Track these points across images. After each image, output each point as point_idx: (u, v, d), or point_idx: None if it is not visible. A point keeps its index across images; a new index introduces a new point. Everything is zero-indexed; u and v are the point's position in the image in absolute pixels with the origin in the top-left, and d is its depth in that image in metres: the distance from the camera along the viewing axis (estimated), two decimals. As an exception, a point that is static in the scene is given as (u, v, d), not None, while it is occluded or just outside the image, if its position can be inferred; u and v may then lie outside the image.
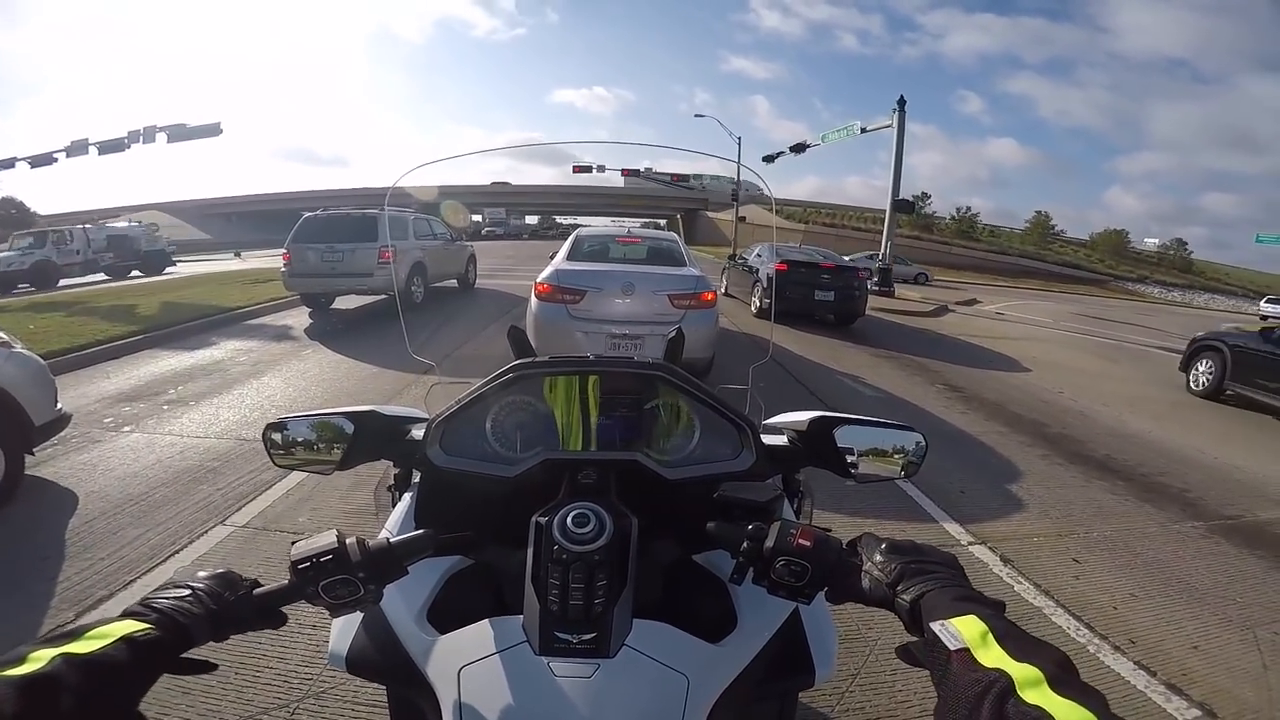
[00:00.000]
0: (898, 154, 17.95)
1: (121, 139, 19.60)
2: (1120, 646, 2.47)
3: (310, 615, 2.21)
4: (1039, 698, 0.47)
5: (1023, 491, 3.97)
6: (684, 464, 0.99)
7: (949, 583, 0.65)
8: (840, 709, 2.02)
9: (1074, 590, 2.86)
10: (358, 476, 3.32)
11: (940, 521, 3.45)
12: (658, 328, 5.04)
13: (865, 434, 1.03)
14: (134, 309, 9.52)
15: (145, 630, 0.59)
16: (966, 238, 50.53)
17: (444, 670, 0.76)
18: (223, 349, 7.30)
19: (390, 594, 0.78)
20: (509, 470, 0.95)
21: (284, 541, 2.90)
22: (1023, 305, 19.38)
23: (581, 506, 0.79)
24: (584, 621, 0.71)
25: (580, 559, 0.73)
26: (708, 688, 0.76)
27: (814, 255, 11.29)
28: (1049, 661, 0.51)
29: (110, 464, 3.80)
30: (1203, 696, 2.21)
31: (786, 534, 0.73)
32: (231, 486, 3.50)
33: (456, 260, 12.57)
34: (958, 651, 0.54)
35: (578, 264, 5.77)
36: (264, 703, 1.93)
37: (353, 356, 6.87)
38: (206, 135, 19.91)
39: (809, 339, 8.97)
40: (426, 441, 0.97)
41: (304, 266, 9.23)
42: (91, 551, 2.79)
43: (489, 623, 0.78)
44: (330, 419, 1.01)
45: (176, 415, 4.81)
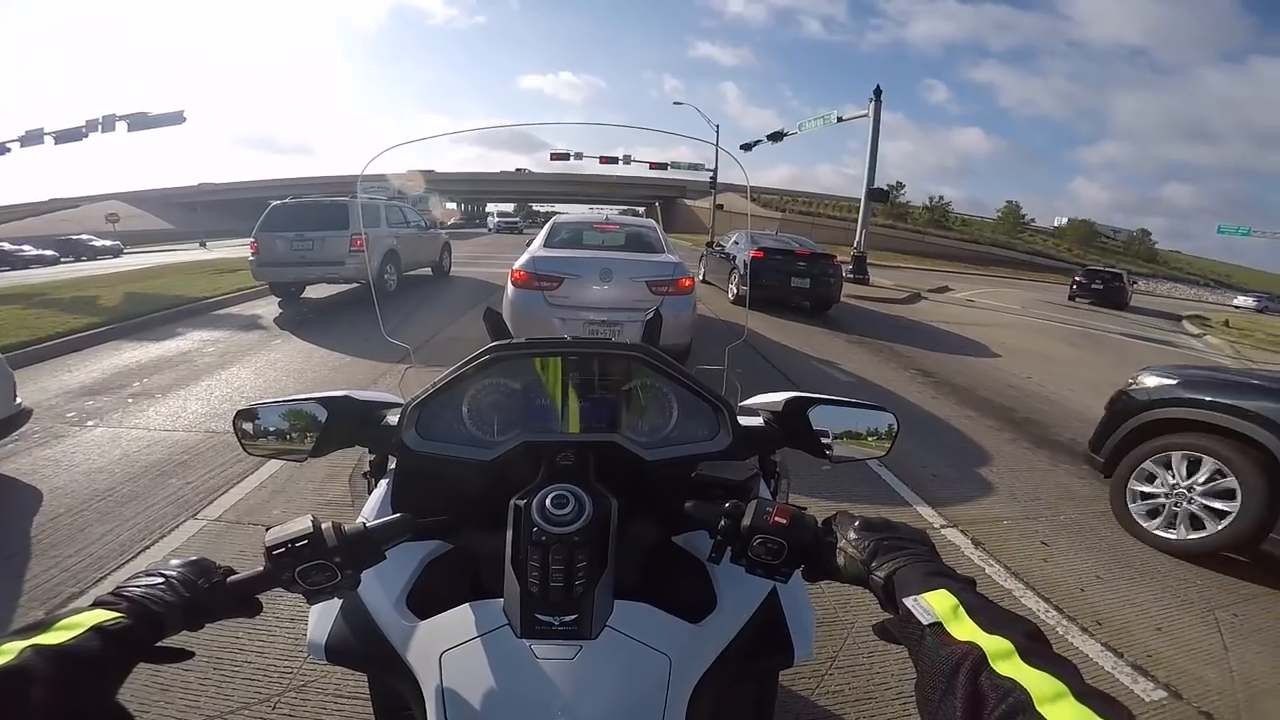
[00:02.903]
0: (873, 143, 18.08)
1: (79, 128, 18.97)
2: (1088, 628, 2.54)
3: (289, 608, 2.19)
4: (1011, 669, 0.48)
5: (992, 475, 4.06)
6: (662, 445, 0.99)
7: (921, 559, 0.66)
8: (820, 691, 2.06)
9: (1043, 573, 2.93)
10: (332, 467, 3.30)
11: (913, 505, 3.52)
12: (635, 314, 5.04)
13: (839, 414, 1.04)
14: (96, 300, 9.23)
15: (116, 619, 0.58)
16: (940, 227, 51.23)
17: (425, 656, 0.76)
18: (189, 340, 7.12)
19: (368, 581, 0.78)
20: (486, 454, 0.94)
21: (258, 535, 2.85)
22: (993, 293, 19.74)
23: (560, 488, 0.79)
24: (565, 603, 0.72)
25: (560, 540, 0.73)
26: (690, 667, 0.77)
27: (790, 243, 11.37)
28: (1019, 633, 0.52)
29: (74, 459, 3.70)
30: (1168, 678, 2.27)
31: (763, 512, 0.74)
32: (202, 480, 3.43)
33: (431, 248, 12.40)
34: (931, 626, 0.55)
35: (554, 251, 5.73)
36: (244, 697, 1.90)
37: (325, 346, 6.76)
38: (169, 124, 19.32)
39: (785, 325, 9.04)
40: (402, 426, 0.96)
41: (272, 256, 9.02)
42: (59, 549, 2.72)
43: (469, 607, 0.78)
44: (303, 405, 0.99)
45: (142, 408, 4.69)
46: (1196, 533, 3.14)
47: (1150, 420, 3.46)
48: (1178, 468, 3.26)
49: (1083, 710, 0.44)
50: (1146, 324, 16.01)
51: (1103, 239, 60.69)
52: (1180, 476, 3.25)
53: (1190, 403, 3.31)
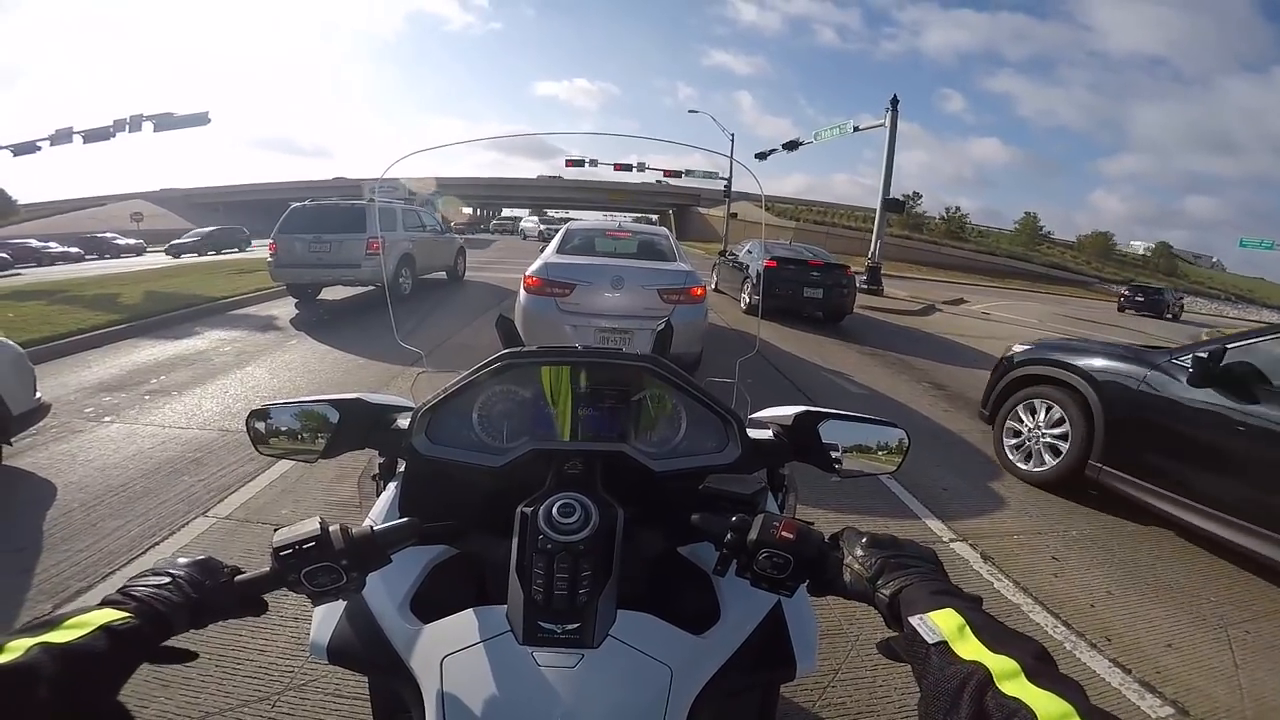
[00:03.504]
0: (889, 153, 18.01)
1: (107, 127, 19.23)
2: (1097, 644, 2.51)
3: (292, 607, 2.20)
4: (1016, 689, 0.48)
5: (1003, 490, 4.02)
6: (670, 456, 0.99)
7: (927, 577, 0.66)
8: (822, 704, 2.04)
9: (1052, 588, 2.90)
10: (341, 469, 3.32)
11: (922, 518, 3.48)
12: (647, 322, 5.04)
13: (850, 430, 1.04)
14: (117, 298, 9.39)
15: (124, 619, 0.58)
16: (956, 238, 50.90)
17: (427, 660, 0.76)
18: (206, 339, 7.22)
19: (373, 584, 0.78)
20: (495, 460, 0.94)
21: (266, 533, 2.86)
22: (1009, 305, 19.57)
23: (567, 497, 0.78)
24: (568, 612, 0.71)
25: (565, 549, 0.73)
26: (691, 679, 0.76)
27: (803, 253, 11.34)
28: (1026, 653, 0.52)
29: (90, 455, 3.75)
30: (1175, 694, 2.24)
31: (769, 526, 0.73)
32: (214, 478, 3.47)
33: (446, 252, 12.50)
34: (936, 645, 0.55)
35: (567, 257, 5.75)
36: (244, 695, 1.91)
37: (339, 347, 6.82)
38: (194, 124, 19.58)
39: (797, 336, 9.00)
40: (412, 430, 0.96)
41: (291, 257, 9.14)
42: (70, 543, 2.76)
43: (473, 612, 0.78)
44: (315, 407, 1.00)
45: (158, 405, 4.75)
46: (1046, 465, 4.08)
47: (1015, 377, 4.45)
48: (1033, 411, 4.27)
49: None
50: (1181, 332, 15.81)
51: (1120, 253, 60.05)
52: (1034, 420, 4.24)
53: (1040, 361, 4.33)
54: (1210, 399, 3.27)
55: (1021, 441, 4.30)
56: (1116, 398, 3.77)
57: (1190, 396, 3.37)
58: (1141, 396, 3.64)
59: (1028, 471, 4.18)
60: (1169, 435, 3.48)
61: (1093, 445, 3.81)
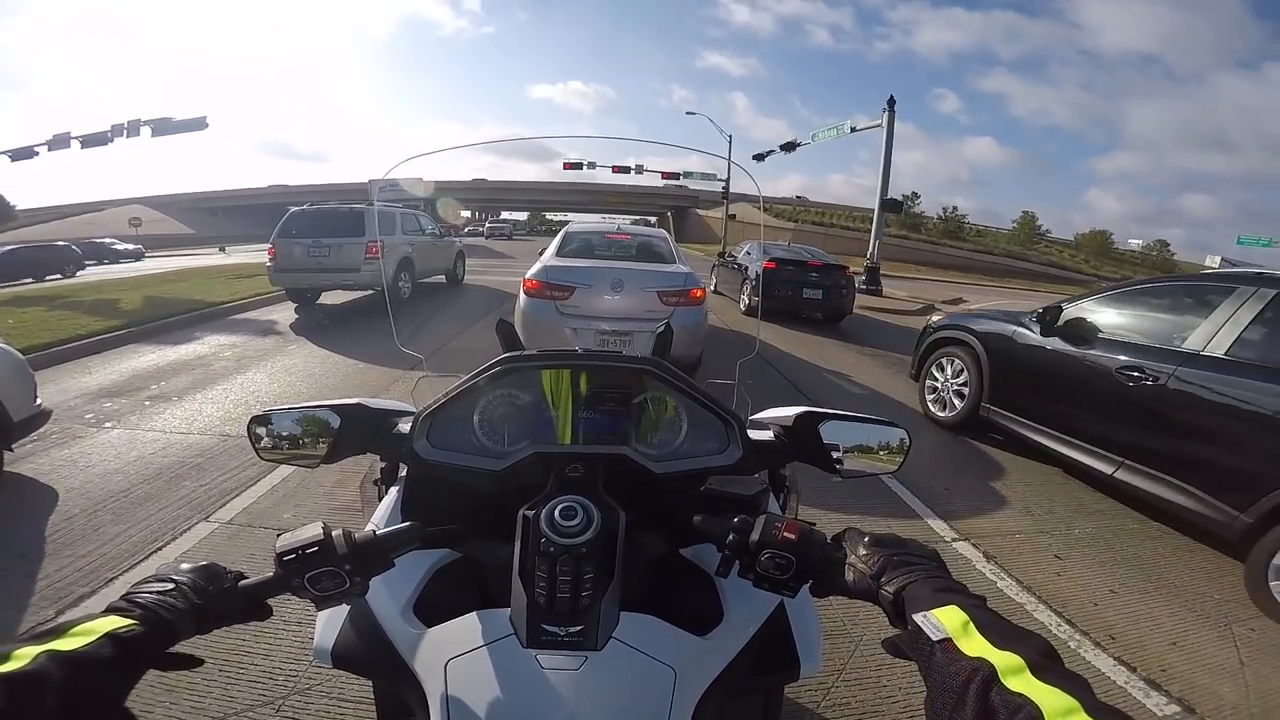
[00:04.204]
0: (887, 154, 18.00)
1: (105, 132, 19.22)
2: (1101, 642, 2.51)
3: (295, 612, 2.20)
4: (1022, 685, 0.48)
5: (1005, 489, 4.02)
6: (671, 458, 0.99)
7: (930, 575, 0.66)
8: (826, 704, 2.04)
9: (1055, 587, 2.90)
10: (343, 473, 3.32)
11: (924, 518, 3.48)
12: (646, 324, 5.05)
13: (851, 430, 1.04)
14: (116, 303, 9.40)
15: (129, 626, 0.58)
16: (954, 238, 50.90)
17: (431, 663, 0.76)
18: (206, 344, 7.22)
19: (376, 588, 0.78)
20: (496, 464, 0.94)
21: (268, 538, 2.87)
22: (1009, 304, 19.54)
23: (569, 500, 0.79)
24: (571, 614, 0.72)
25: (567, 552, 0.73)
26: (695, 680, 0.76)
27: (802, 254, 11.34)
28: (1031, 649, 0.52)
29: (91, 460, 3.75)
30: (1181, 692, 2.24)
31: (772, 527, 0.73)
32: (215, 483, 3.47)
33: (445, 256, 12.51)
34: (940, 642, 0.55)
35: (567, 260, 5.75)
36: (248, 700, 1.91)
37: (339, 352, 6.83)
38: (192, 129, 19.58)
39: (797, 337, 9.01)
40: (413, 435, 0.96)
41: (290, 261, 9.15)
42: (72, 548, 2.76)
43: (476, 615, 0.78)
44: (316, 412, 1.00)
45: (159, 411, 4.75)
46: (955, 410, 5.08)
47: (931, 341, 5.48)
48: (944, 367, 5.28)
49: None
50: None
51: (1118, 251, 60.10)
52: (945, 375, 5.25)
53: (948, 327, 5.39)
54: (1056, 346, 4.24)
55: (937, 394, 5.31)
56: (995, 350, 4.76)
57: (1041, 344, 4.35)
58: (1011, 347, 4.62)
59: (943, 417, 5.19)
60: (1029, 377, 4.48)
61: (983, 390, 4.80)
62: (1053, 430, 4.18)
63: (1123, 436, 3.69)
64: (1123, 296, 4.21)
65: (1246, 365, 3.17)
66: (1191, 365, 3.38)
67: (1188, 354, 3.44)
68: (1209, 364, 3.32)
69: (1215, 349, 3.33)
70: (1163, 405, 3.46)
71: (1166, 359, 3.52)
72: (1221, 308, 3.43)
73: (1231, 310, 3.37)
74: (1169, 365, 3.47)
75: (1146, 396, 3.54)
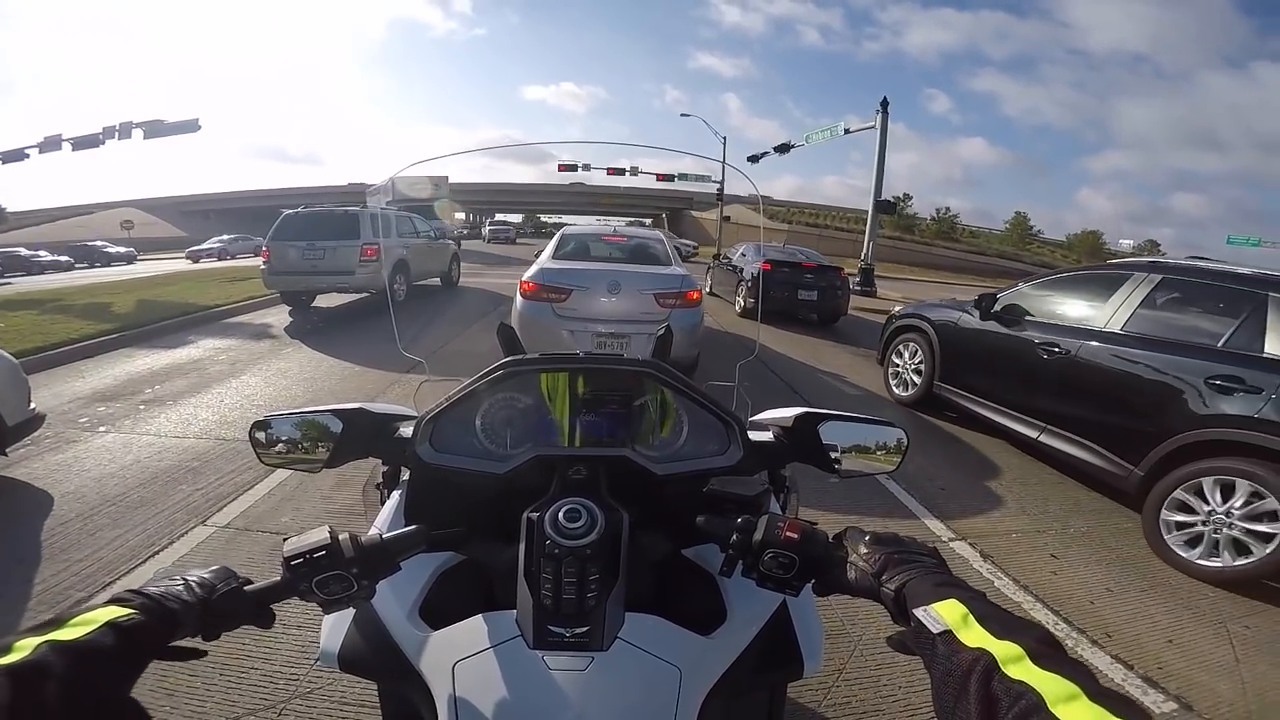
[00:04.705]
0: (880, 155, 18.07)
1: (96, 135, 19.12)
2: (1098, 640, 2.53)
3: (296, 615, 2.20)
4: (1022, 672, 0.49)
5: (1001, 488, 4.04)
6: (672, 460, 0.99)
7: (930, 571, 0.67)
8: (827, 703, 2.05)
9: (1052, 585, 2.92)
10: (340, 477, 3.31)
11: (921, 518, 3.51)
12: (643, 326, 5.05)
13: (849, 430, 1.04)
14: (109, 307, 9.34)
15: (130, 615, 0.58)
16: (947, 239, 51.11)
17: (438, 666, 0.76)
18: (200, 348, 7.19)
19: (381, 591, 0.78)
20: (499, 467, 0.94)
21: (266, 542, 2.87)
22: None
23: (573, 502, 0.79)
24: (577, 615, 0.72)
25: (572, 553, 0.74)
26: (700, 679, 0.77)
27: (797, 255, 11.37)
28: (1030, 637, 0.53)
29: (86, 465, 3.74)
30: (1179, 690, 2.27)
31: (774, 527, 0.74)
32: (211, 487, 3.46)
33: (440, 258, 12.48)
34: (941, 634, 0.56)
35: (563, 263, 5.76)
36: (249, 704, 1.91)
37: (334, 355, 6.81)
38: (184, 131, 19.49)
39: (792, 338, 9.03)
40: (416, 439, 0.96)
41: (284, 264, 9.11)
42: (68, 553, 2.74)
43: (482, 618, 0.78)
44: (318, 417, 1.00)
45: (154, 415, 4.73)
46: (912, 389, 5.73)
47: (893, 329, 6.17)
48: (903, 352, 5.94)
49: (1097, 710, 0.44)
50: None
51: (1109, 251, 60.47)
52: (904, 359, 5.92)
53: (908, 316, 6.04)
54: (992, 328, 4.82)
55: (899, 376, 5.98)
56: (944, 335, 5.37)
57: (981, 328, 4.92)
58: (957, 331, 5.24)
59: (903, 396, 5.86)
60: (971, 357, 5.08)
61: (935, 370, 5.39)
62: (990, 403, 4.73)
63: (1043, 404, 4.23)
64: (1047, 284, 4.80)
65: (1137, 338, 3.72)
66: (1094, 340, 3.93)
67: (1092, 330, 4.00)
68: (1108, 338, 3.86)
69: (1113, 325, 3.88)
70: (1072, 375, 4.01)
71: (1075, 335, 4.08)
72: (1120, 290, 3.99)
73: (1127, 293, 3.93)
74: (1077, 340, 4.04)
75: (1060, 368, 4.10)
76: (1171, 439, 3.28)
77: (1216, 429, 3.13)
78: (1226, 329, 3.33)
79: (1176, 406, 3.33)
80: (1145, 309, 3.80)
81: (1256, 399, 3.01)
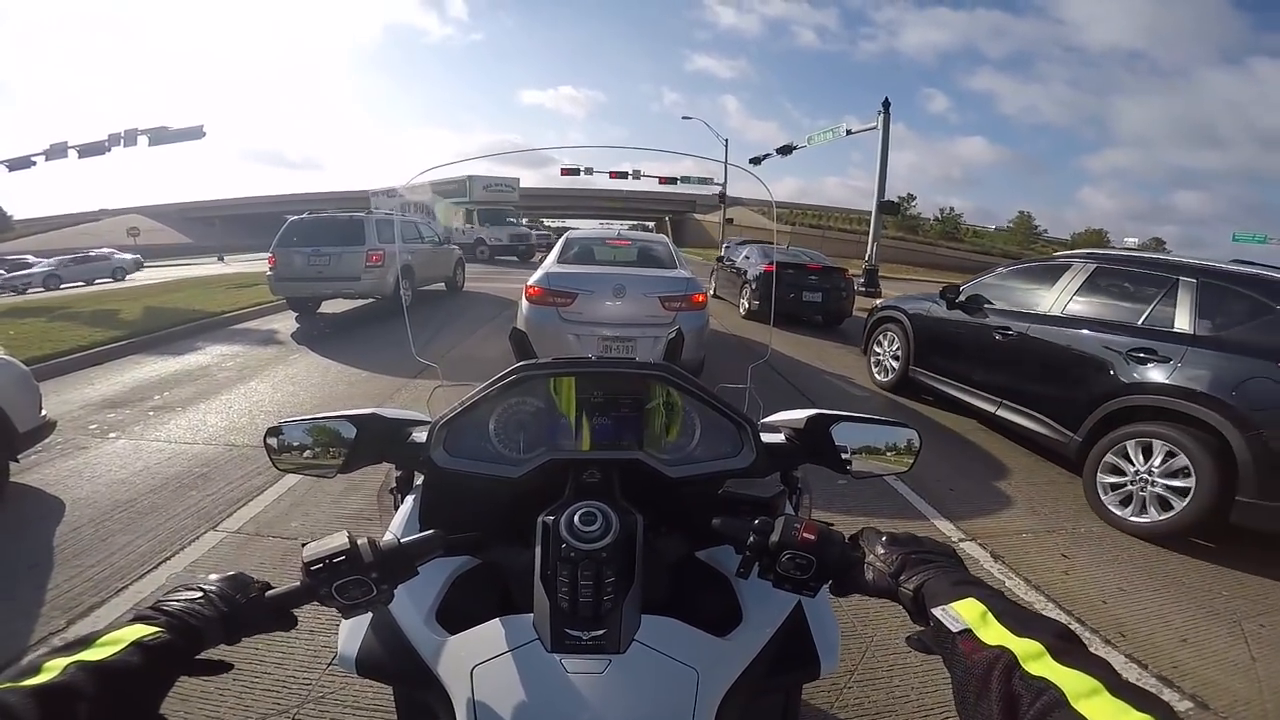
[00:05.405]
0: (883, 156, 18.05)
1: (102, 142, 19.16)
2: (1111, 640, 2.52)
3: (309, 620, 2.19)
4: (1043, 669, 0.49)
5: (1010, 489, 4.03)
6: (685, 462, 1.00)
7: (948, 570, 0.67)
8: (839, 705, 2.05)
9: (1064, 585, 2.91)
10: (350, 482, 3.32)
11: (931, 519, 3.50)
12: (649, 329, 5.05)
13: (861, 431, 1.05)
14: (117, 314, 9.40)
15: (156, 634, 0.59)
16: (951, 239, 50.96)
17: (456, 670, 0.77)
18: (208, 354, 7.22)
19: (398, 596, 0.78)
20: (513, 471, 0.95)
21: (277, 547, 2.88)
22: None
23: (588, 505, 0.79)
24: (593, 618, 0.72)
25: (588, 557, 0.74)
26: (717, 680, 0.77)
27: (801, 256, 11.36)
28: (1049, 634, 0.53)
29: (97, 470, 3.76)
30: (1194, 689, 2.25)
31: (791, 528, 0.75)
32: (221, 492, 3.47)
33: (444, 263, 12.52)
34: (961, 633, 0.56)
35: (568, 267, 5.76)
36: (264, 709, 1.92)
37: (342, 361, 6.83)
38: (189, 138, 19.54)
39: (798, 340, 9.03)
40: (430, 444, 0.97)
41: (290, 270, 9.14)
42: (81, 558, 2.76)
43: (500, 622, 0.79)
44: (331, 422, 1.01)
45: (163, 421, 4.76)
46: (891, 375, 6.27)
47: (875, 320, 6.66)
48: (883, 341, 6.47)
49: (1119, 705, 0.45)
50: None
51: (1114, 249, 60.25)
52: (884, 347, 6.44)
53: (888, 309, 6.52)
54: (956, 316, 5.32)
55: (880, 363, 6.51)
56: (917, 324, 5.92)
57: (947, 316, 5.47)
58: (928, 320, 5.79)
59: (883, 381, 6.41)
60: (939, 342, 5.58)
61: (910, 356, 5.91)
62: (956, 382, 5.25)
63: (999, 381, 4.73)
64: (1005, 275, 5.32)
65: (1075, 319, 4.24)
66: (1040, 322, 4.46)
67: (1037, 314, 4.53)
68: (1051, 320, 4.40)
69: (1055, 309, 4.41)
70: (1021, 354, 4.53)
71: (1024, 319, 4.61)
72: (1063, 278, 4.52)
73: (1068, 280, 4.46)
74: (1025, 323, 4.58)
75: (1011, 348, 4.62)
76: (1101, 406, 3.73)
77: (1135, 395, 3.58)
78: (1146, 308, 3.81)
79: (1105, 378, 3.78)
80: (1082, 294, 4.32)
81: (1166, 367, 3.48)
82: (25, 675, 0.50)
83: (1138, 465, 3.48)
